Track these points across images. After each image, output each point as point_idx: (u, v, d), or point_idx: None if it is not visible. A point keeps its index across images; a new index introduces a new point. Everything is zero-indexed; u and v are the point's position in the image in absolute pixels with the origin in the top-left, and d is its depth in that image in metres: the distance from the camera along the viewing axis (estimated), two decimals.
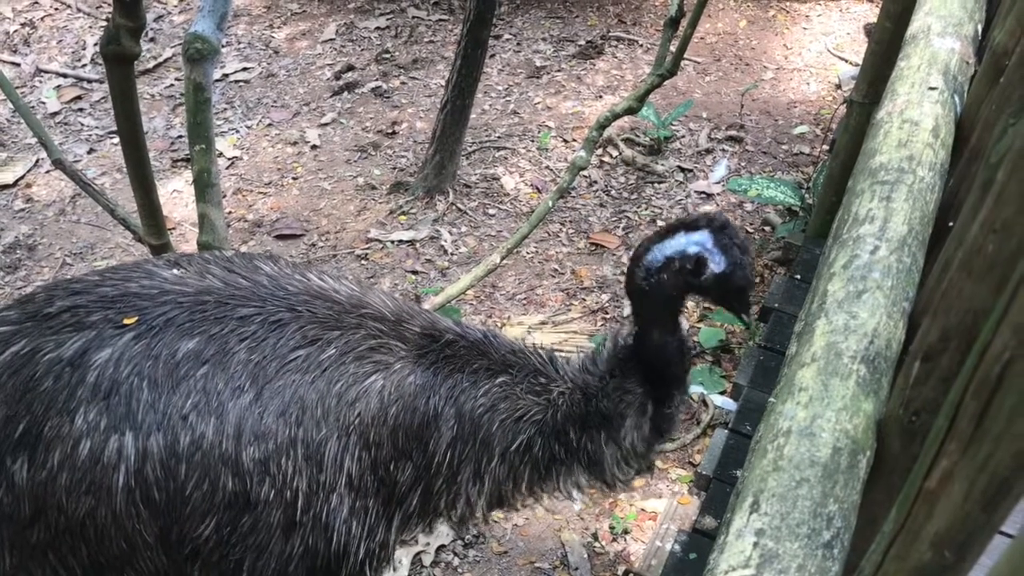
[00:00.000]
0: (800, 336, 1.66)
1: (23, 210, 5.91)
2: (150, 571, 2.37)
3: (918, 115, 2.04)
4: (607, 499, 4.13)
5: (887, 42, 3.78)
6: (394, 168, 6.19)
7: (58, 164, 3.69)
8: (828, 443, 1.38)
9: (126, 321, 2.32)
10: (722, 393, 4.57)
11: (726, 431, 3.63)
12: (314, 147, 6.39)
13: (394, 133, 6.50)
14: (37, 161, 6.25)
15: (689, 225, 2.42)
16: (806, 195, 5.20)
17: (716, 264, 2.37)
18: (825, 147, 6.14)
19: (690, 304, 5.18)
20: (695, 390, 4.55)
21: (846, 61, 7.06)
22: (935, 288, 1.67)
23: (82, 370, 2.25)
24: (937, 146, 1.99)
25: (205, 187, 3.17)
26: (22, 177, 6.15)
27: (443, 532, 3.99)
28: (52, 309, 2.37)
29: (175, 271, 2.48)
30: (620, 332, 2.69)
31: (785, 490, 1.30)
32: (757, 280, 5.29)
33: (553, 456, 2.62)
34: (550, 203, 4.28)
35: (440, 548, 3.98)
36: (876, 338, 1.58)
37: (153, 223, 3.11)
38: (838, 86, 6.82)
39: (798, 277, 4.25)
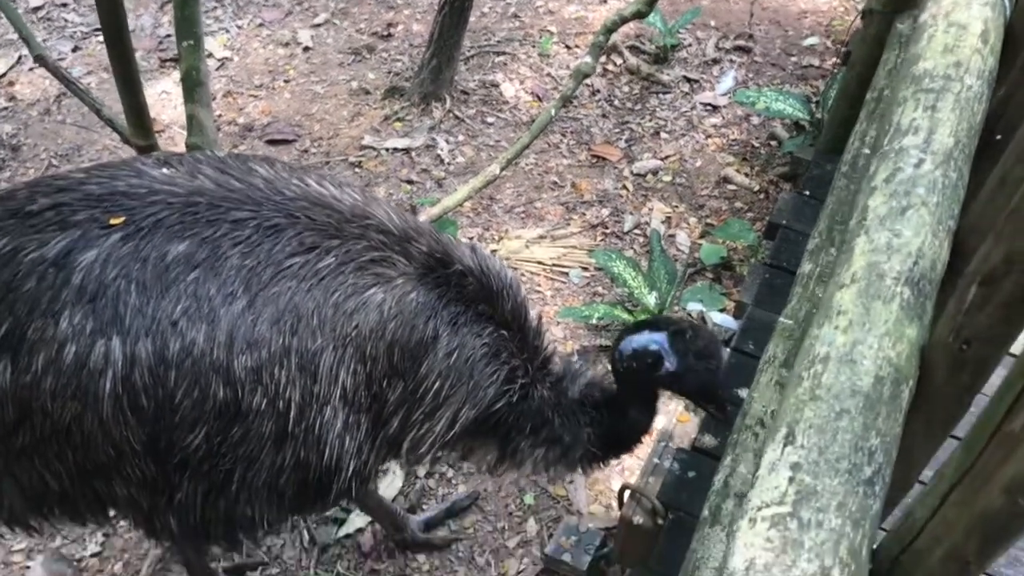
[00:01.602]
0: (838, 254, 1.56)
1: (5, 109, 5.71)
2: (137, 479, 2.31)
3: (965, 18, 1.90)
4: None
5: None
6: (389, 72, 5.98)
7: (40, 61, 3.52)
8: (870, 371, 1.29)
9: (113, 221, 2.21)
10: (721, 311, 4.49)
11: (728, 349, 3.56)
12: (306, 49, 6.16)
13: (390, 35, 6.26)
14: (20, 58, 6.02)
15: (654, 324, 2.59)
16: (815, 109, 5.04)
17: (670, 364, 2.52)
18: (836, 60, 5.95)
19: (692, 220, 5.08)
20: (694, 308, 4.48)
21: None
22: (989, 206, 1.57)
23: (67, 271, 2.15)
24: (986, 52, 1.86)
25: (194, 86, 3.02)
26: (4, 75, 5.92)
27: None
28: (35, 207, 2.25)
29: (164, 170, 2.36)
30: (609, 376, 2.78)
31: (824, 422, 1.22)
32: (762, 197, 5.18)
33: (507, 435, 2.69)
34: (552, 112, 4.13)
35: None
36: (921, 258, 1.48)
37: (139, 123, 2.97)
38: None
39: (807, 193, 4.13)
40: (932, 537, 1.27)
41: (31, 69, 5.94)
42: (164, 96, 5.75)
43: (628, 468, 3.97)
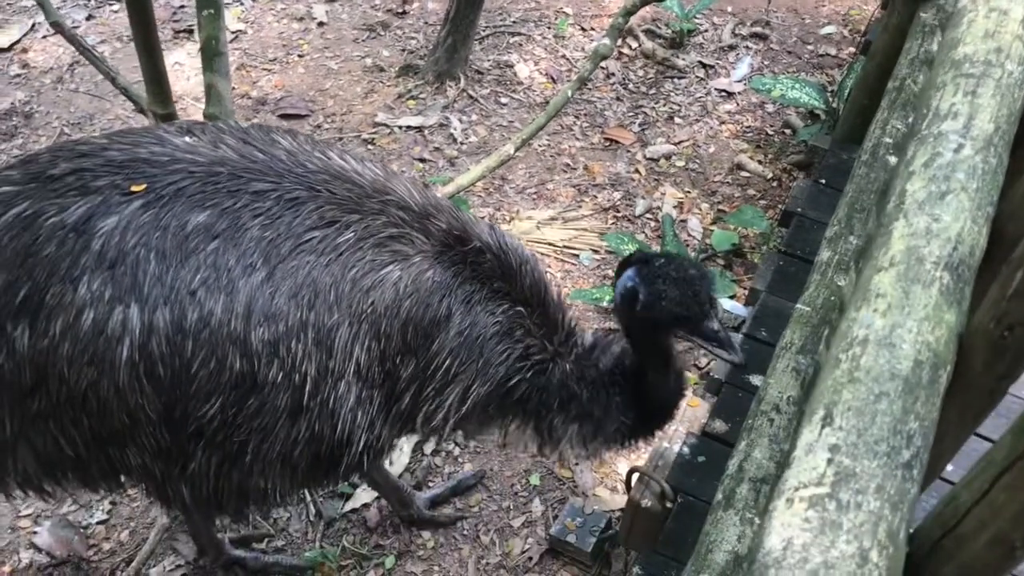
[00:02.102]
0: (875, 238, 1.55)
1: (19, 76, 5.69)
2: (152, 448, 2.32)
3: (1007, 3, 1.88)
4: None
5: None
6: (404, 50, 5.95)
7: (56, 27, 3.51)
8: (909, 355, 1.28)
9: (134, 188, 2.20)
10: (732, 297, 4.48)
11: (740, 336, 3.55)
12: (321, 24, 6.13)
13: (405, 13, 6.23)
14: (33, 25, 5.99)
15: (630, 261, 2.50)
16: (831, 98, 5.01)
17: (642, 295, 2.40)
18: (853, 49, 5.92)
19: (704, 206, 5.06)
20: None
21: None
22: None
23: (86, 237, 2.15)
24: None
25: (213, 55, 3.00)
26: (18, 41, 5.90)
27: None
28: (56, 171, 2.25)
29: (187, 139, 2.35)
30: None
31: (862, 404, 1.21)
32: (775, 185, 5.16)
33: (525, 409, 2.65)
34: (568, 93, 4.11)
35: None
36: (960, 244, 1.46)
37: (159, 90, 2.95)
38: None
39: (823, 181, 4.11)
40: (978, 521, 1.26)
41: (44, 36, 5.91)
42: (177, 67, 5.72)
43: (636, 452, 3.97)
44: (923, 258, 1.44)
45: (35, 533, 3.57)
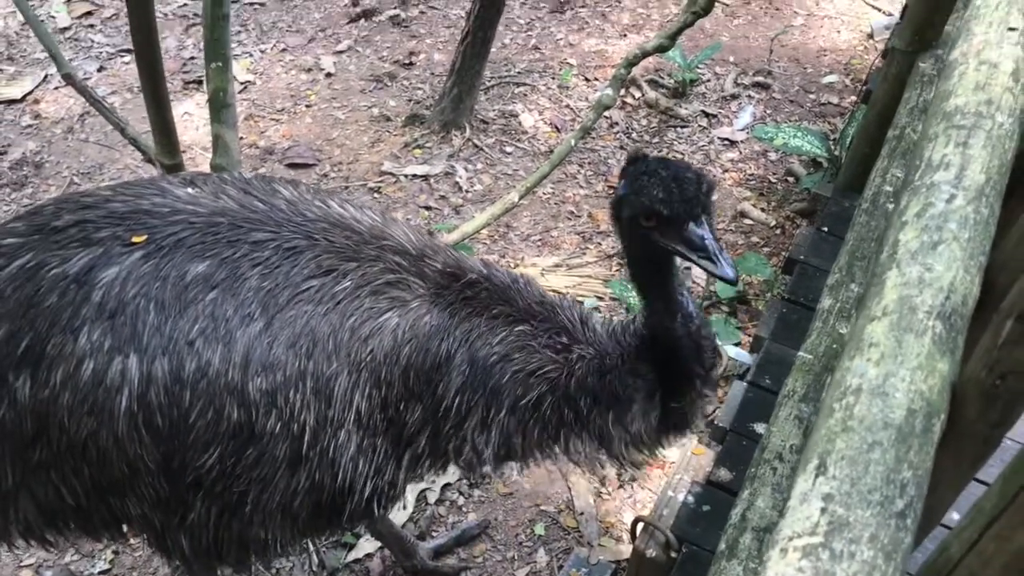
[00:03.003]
0: (869, 287, 1.56)
1: (31, 126, 5.78)
2: (151, 498, 2.32)
3: (996, 57, 1.91)
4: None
5: None
6: (410, 100, 6.03)
7: (68, 79, 3.56)
8: (902, 404, 1.28)
9: (135, 239, 2.23)
10: (737, 345, 4.48)
11: (744, 384, 3.55)
12: (329, 75, 6.22)
13: (411, 64, 6.32)
14: (46, 76, 6.10)
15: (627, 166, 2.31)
16: (833, 146, 5.06)
17: (623, 191, 2.22)
18: (854, 98, 5.98)
19: None
20: None
21: (879, 10, 6.85)
22: (1021, 243, 1.56)
23: (87, 288, 2.18)
24: (1017, 90, 1.86)
25: (221, 107, 3.05)
26: (30, 92, 6.00)
27: (449, 471, 3.93)
28: (60, 223, 2.29)
29: (189, 190, 2.38)
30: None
31: (856, 453, 1.21)
32: (779, 232, 5.18)
33: (562, 419, 2.52)
34: (572, 142, 4.15)
35: (446, 486, 3.94)
36: (952, 293, 1.47)
37: (166, 141, 3.00)
38: (870, 36, 6.62)
39: (825, 229, 4.14)
40: (968, 572, 1.26)
41: (56, 88, 6.01)
42: (186, 117, 5.81)
43: (640, 501, 3.94)
44: (916, 307, 1.45)
45: None
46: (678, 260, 2.26)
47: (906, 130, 3.31)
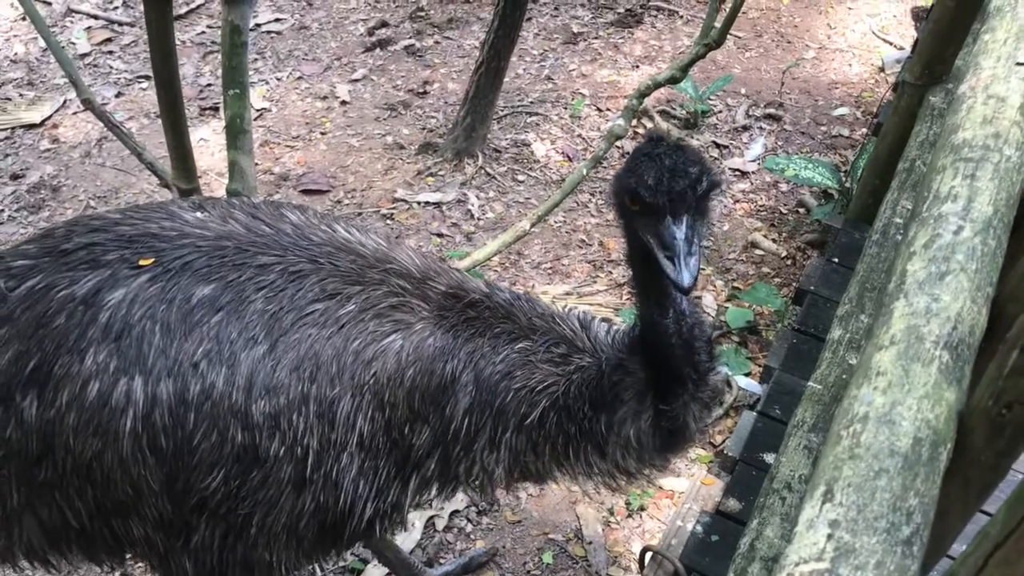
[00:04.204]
0: (876, 317, 1.57)
1: (49, 150, 5.85)
2: (154, 519, 2.33)
3: (1004, 91, 1.93)
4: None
5: (947, 21, 3.64)
6: (424, 128, 6.08)
7: (87, 104, 3.61)
8: (909, 432, 1.29)
9: (142, 262, 2.26)
10: (747, 375, 4.48)
11: (754, 414, 3.55)
12: (344, 103, 6.28)
13: (425, 93, 6.39)
14: (65, 102, 6.19)
15: None
16: (844, 178, 5.08)
17: (621, 169, 2.16)
18: (865, 130, 6.00)
19: (718, 283, 5.09)
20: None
21: (891, 44, 6.88)
22: None
23: (94, 309, 2.20)
24: None
25: (237, 133, 3.09)
26: (49, 117, 6.09)
27: (458, 497, 3.94)
28: (69, 245, 2.32)
29: (198, 214, 2.42)
30: None
31: (862, 480, 1.22)
32: (789, 263, 5.19)
33: (567, 433, 2.48)
34: (584, 171, 4.18)
35: (454, 513, 3.93)
36: (959, 323, 1.48)
37: (184, 167, 3.04)
38: (881, 69, 6.66)
39: (835, 260, 4.15)
40: None
41: (75, 113, 6.10)
42: (202, 143, 5.87)
43: (649, 531, 3.93)
44: (923, 337, 1.46)
45: None
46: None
47: (916, 162, 3.33)
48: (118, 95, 6.30)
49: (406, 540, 3.80)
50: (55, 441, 2.22)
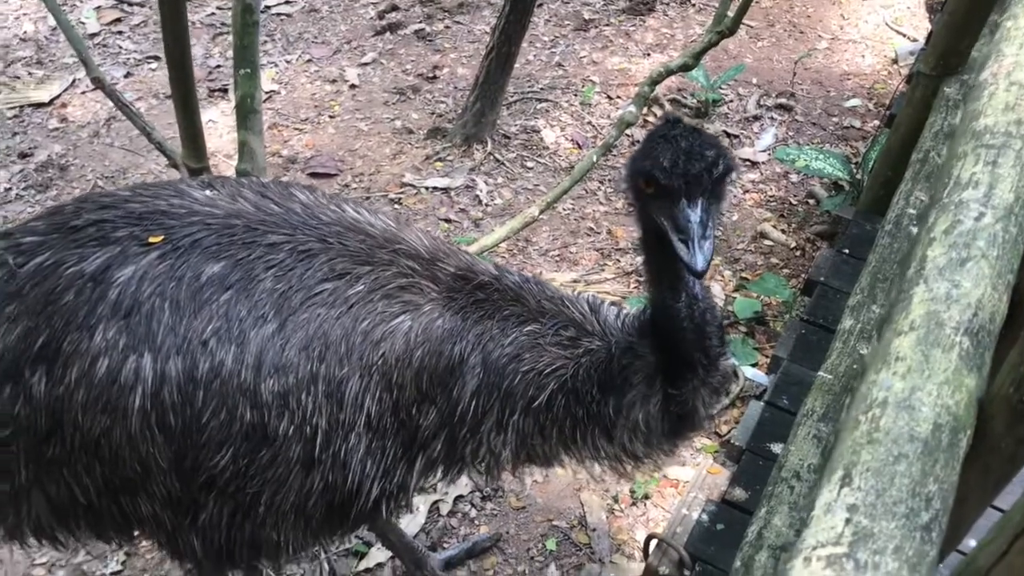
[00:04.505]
0: (896, 303, 1.55)
1: (57, 130, 5.84)
2: (162, 497, 2.33)
3: None
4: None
5: (963, 13, 3.62)
6: (433, 113, 6.06)
7: (97, 82, 3.60)
8: (928, 418, 1.28)
9: (152, 239, 2.25)
10: (753, 365, 4.46)
11: (761, 403, 3.54)
12: (353, 86, 6.26)
13: (435, 78, 6.36)
14: (73, 81, 6.17)
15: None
16: (855, 170, 5.05)
17: (636, 150, 2.14)
18: (877, 122, 5.97)
19: (726, 273, 5.07)
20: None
21: (904, 36, 6.84)
22: None
23: (104, 286, 2.20)
24: None
25: (248, 113, 3.07)
26: (58, 96, 6.07)
27: (462, 482, 3.94)
28: (79, 222, 2.31)
29: (207, 192, 2.41)
30: None
31: (881, 464, 1.21)
32: (798, 254, 5.17)
33: (575, 416, 2.47)
34: (594, 158, 4.16)
35: (458, 498, 3.93)
36: (980, 310, 1.47)
37: (194, 146, 3.03)
38: (894, 61, 6.62)
39: (846, 251, 4.13)
40: None
41: (83, 92, 6.08)
42: (211, 125, 5.85)
43: (654, 519, 3.92)
44: (943, 323, 1.44)
45: None
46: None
47: (930, 153, 3.30)
48: (127, 75, 6.29)
49: (410, 524, 3.80)
50: (64, 418, 2.22)
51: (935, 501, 1.17)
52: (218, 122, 5.89)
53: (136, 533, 2.56)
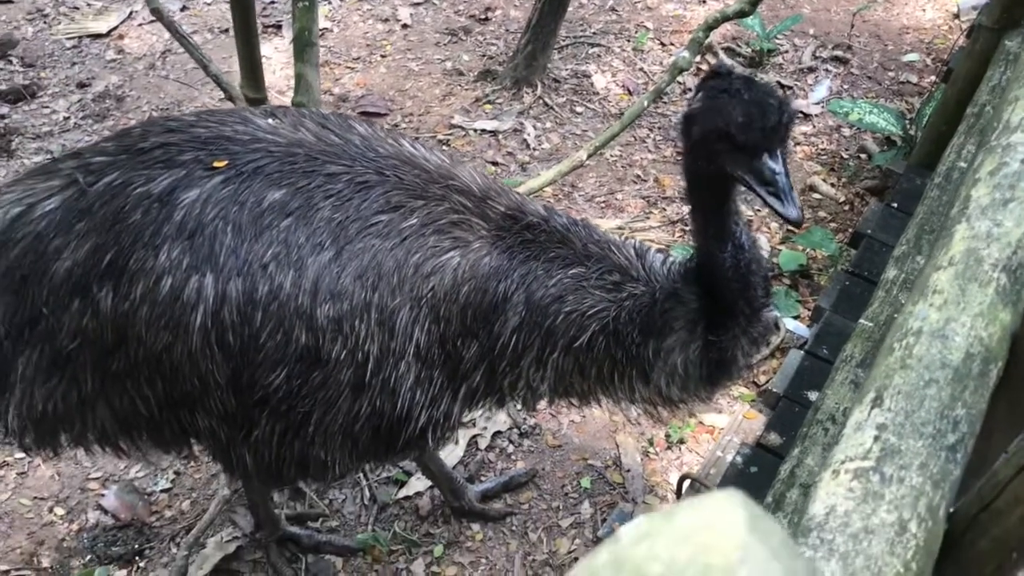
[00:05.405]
0: (936, 240, 1.58)
1: (114, 60, 5.94)
2: (219, 412, 2.42)
3: None
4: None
5: None
6: (483, 55, 6.06)
7: (156, 13, 3.68)
8: (961, 347, 1.31)
9: (216, 164, 2.32)
10: (795, 318, 4.47)
11: (801, 352, 3.56)
12: (405, 26, 6.27)
13: (487, 19, 6.35)
14: (131, 13, 6.26)
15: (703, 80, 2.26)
16: (908, 125, 4.98)
17: (698, 107, 2.18)
18: (934, 78, 5.86)
19: (773, 225, 5.05)
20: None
21: None
22: None
23: (169, 207, 2.27)
24: None
25: (305, 46, 3.12)
26: (115, 28, 6.16)
27: (500, 419, 4.02)
28: (146, 144, 2.38)
29: (270, 120, 2.47)
30: None
31: (912, 388, 1.25)
32: (847, 209, 5.13)
33: (613, 358, 2.55)
34: (645, 103, 4.16)
35: (496, 434, 4.01)
36: (1020, 248, 1.49)
37: (253, 76, 3.09)
38: (956, 16, 6.47)
39: (895, 206, 4.10)
40: (1013, 496, 1.28)
41: (140, 24, 6.17)
42: (264, 60, 5.84)
43: (687, 463, 3.98)
44: (982, 259, 1.46)
45: (102, 495, 3.71)
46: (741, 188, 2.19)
47: (986, 108, 3.27)
48: (183, 9, 6.36)
49: (449, 456, 3.89)
50: (128, 332, 2.31)
51: (962, 424, 1.21)
52: (271, 58, 5.94)
53: (194, 443, 2.67)
